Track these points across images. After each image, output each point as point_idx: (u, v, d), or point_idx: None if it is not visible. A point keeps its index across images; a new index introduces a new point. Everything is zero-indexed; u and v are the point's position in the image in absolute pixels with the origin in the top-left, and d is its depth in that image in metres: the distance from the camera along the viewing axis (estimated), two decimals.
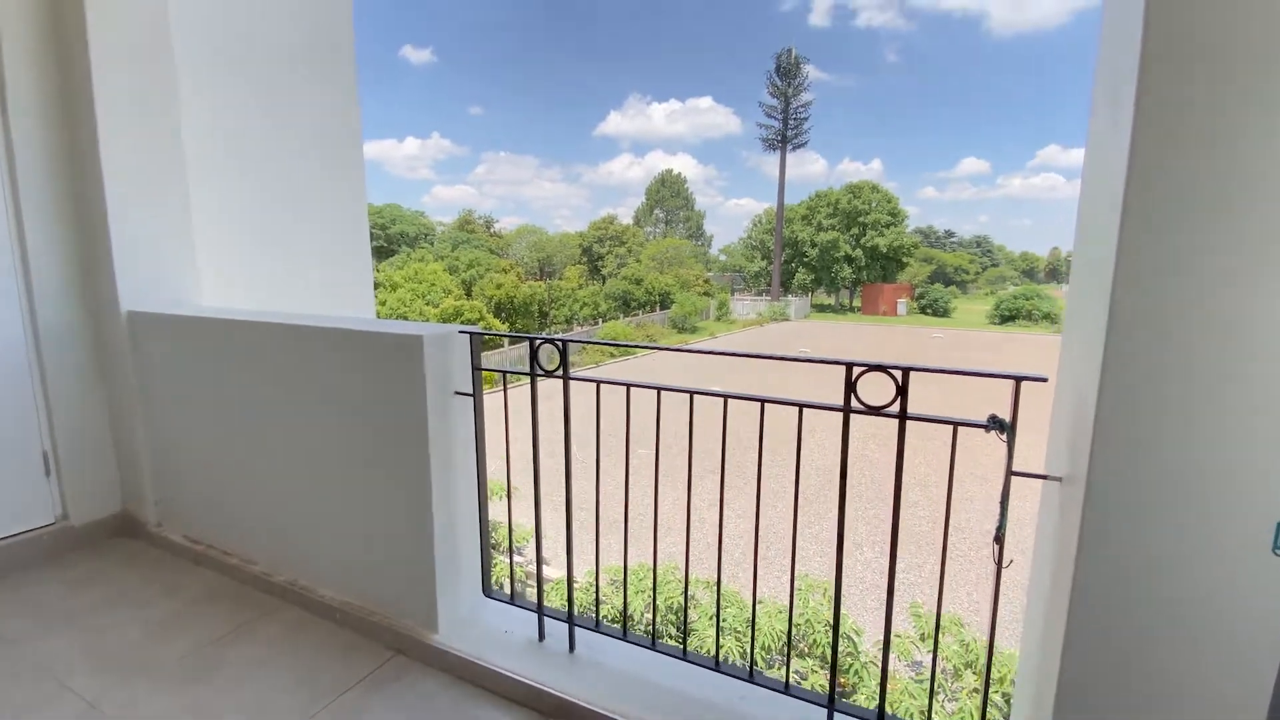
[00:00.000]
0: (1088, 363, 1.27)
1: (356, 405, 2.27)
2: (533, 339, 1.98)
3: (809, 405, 1.70)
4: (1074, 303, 1.48)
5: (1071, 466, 1.35)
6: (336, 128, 4.98)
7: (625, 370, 26.50)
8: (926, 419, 1.50)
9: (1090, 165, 1.43)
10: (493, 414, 2.32)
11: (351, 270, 5.21)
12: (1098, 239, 1.29)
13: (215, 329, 2.67)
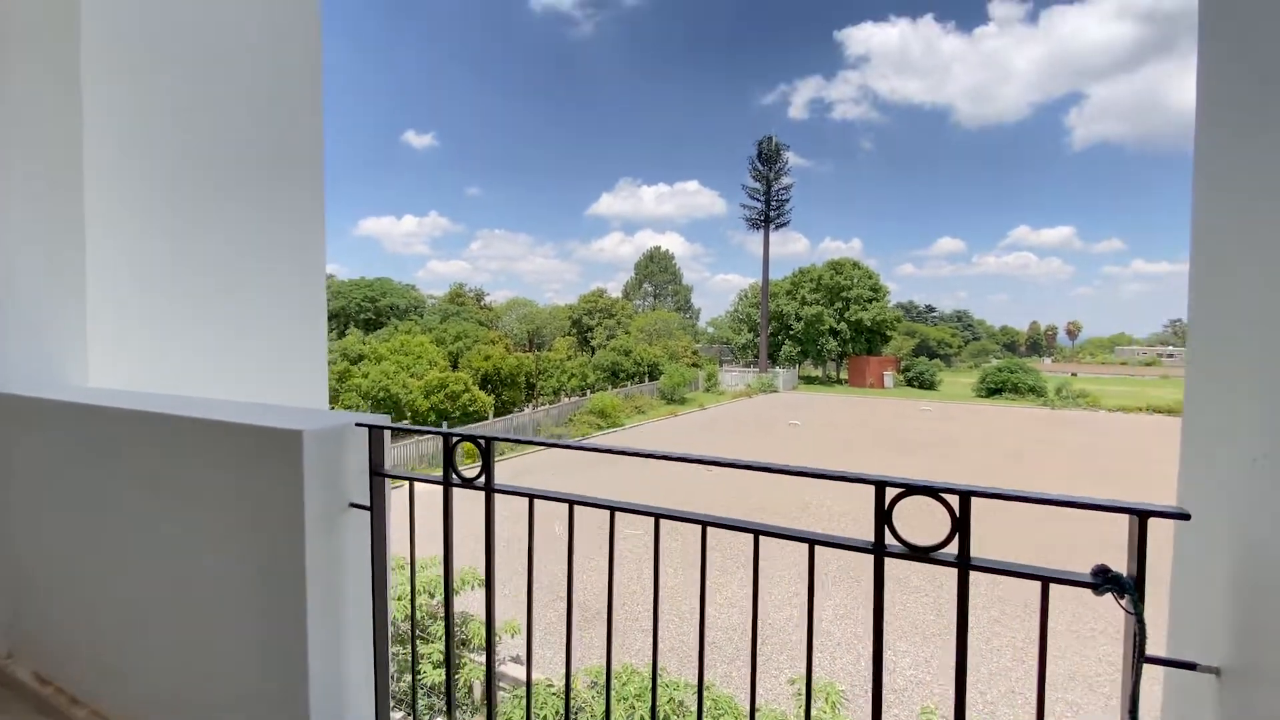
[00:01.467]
0: (1267, 488, 0.80)
1: (225, 518, 1.73)
2: (448, 435, 1.49)
3: (825, 542, 1.20)
4: (1207, 394, 1.03)
5: (1239, 653, 0.85)
6: (292, 201, 4.67)
7: (616, 442, 25.73)
8: (1002, 570, 1.00)
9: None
10: (427, 517, 1.79)
11: (303, 351, 4.76)
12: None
13: (68, 416, 2.15)
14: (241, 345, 3.93)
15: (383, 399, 26.09)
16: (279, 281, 4.33)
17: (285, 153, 4.59)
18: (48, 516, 2.29)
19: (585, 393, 34.45)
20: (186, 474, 1.82)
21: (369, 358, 28.94)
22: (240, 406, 1.91)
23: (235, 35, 4.33)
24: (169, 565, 1.90)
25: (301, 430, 1.56)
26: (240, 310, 3.87)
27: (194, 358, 3.60)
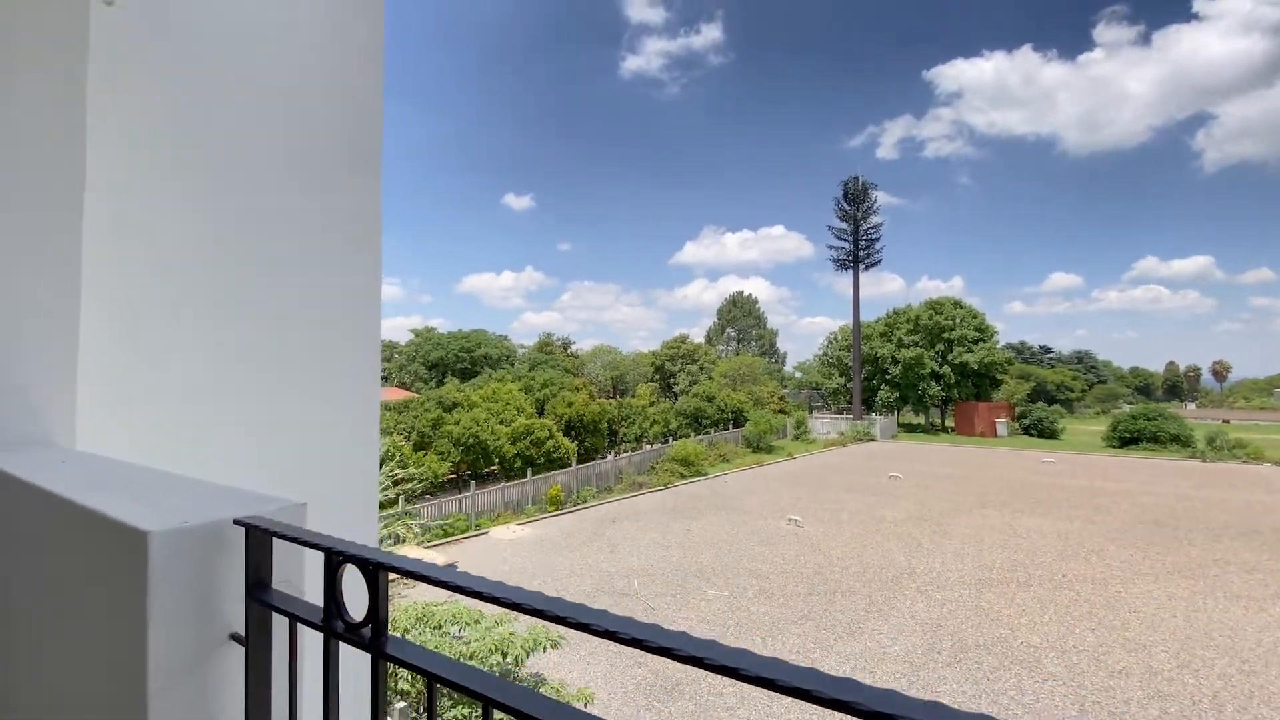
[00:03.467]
0: None
1: (93, 653, 1.27)
2: (332, 552, 0.95)
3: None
4: None
5: None
6: (348, 273, 4.56)
7: (703, 492, 24.73)
8: None
9: None
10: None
11: (354, 412, 4.56)
12: None
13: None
14: (278, 417, 3.70)
15: (472, 445, 26.64)
16: (330, 355, 4.17)
17: (341, 223, 4.50)
18: None
19: (668, 439, 33.72)
20: (69, 576, 1.40)
21: (462, 405, 29.88)
22: (81, 480, 1.48)
23: (287, 94, 4.30)
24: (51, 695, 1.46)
25: (148, 531, 1.07)
26: (282, 390, 3.66)
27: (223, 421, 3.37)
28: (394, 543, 15.19)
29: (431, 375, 48.34)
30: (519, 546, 18.19)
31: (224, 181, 3.86)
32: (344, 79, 4.72)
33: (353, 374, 4.68)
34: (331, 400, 4.50)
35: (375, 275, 4.93)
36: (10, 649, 1.62)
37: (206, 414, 3.69)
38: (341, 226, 4.66)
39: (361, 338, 4.77)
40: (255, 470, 3.88)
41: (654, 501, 24.01)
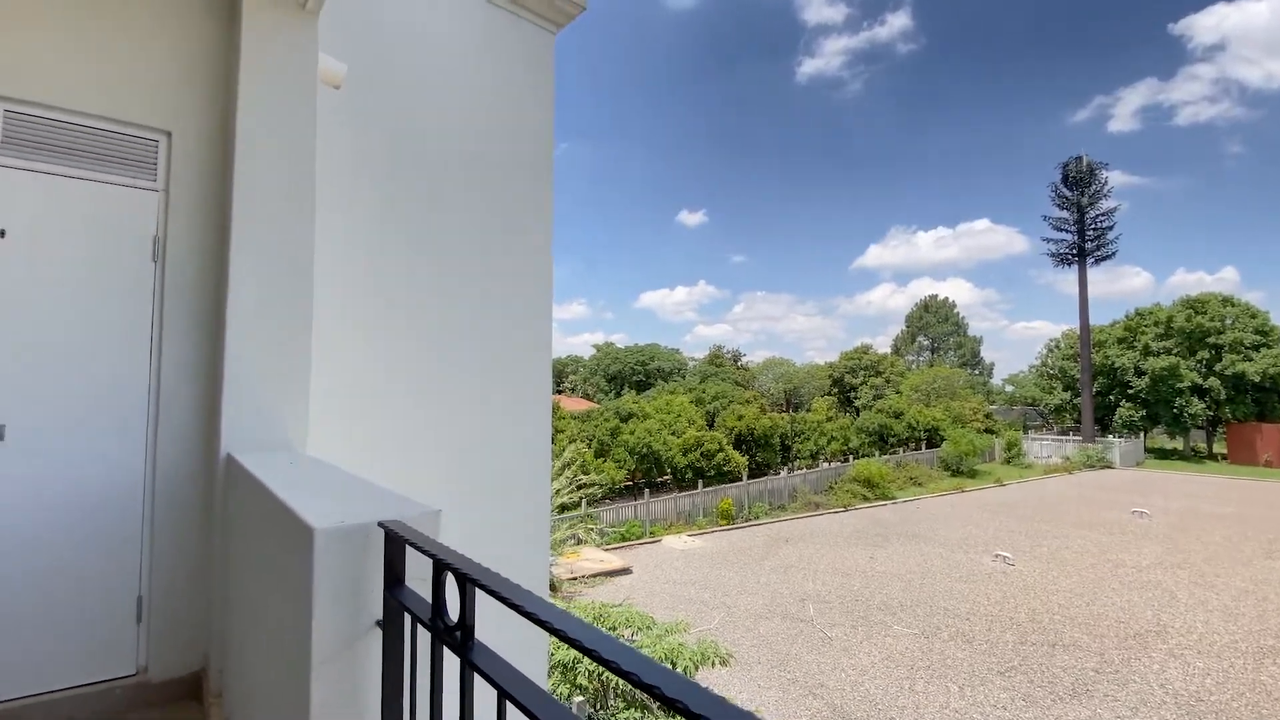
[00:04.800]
0: None
1: (282, 614, 1.56)
2: (438, 560, 1.05)
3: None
4: None
5: None
6: (523, 282, 5.10)
7: (889, 518, 22.86)
8: None
9: None
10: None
11: (530, 423, 5.05)
12: None
13: (244, 484, 2.32)
14: (460, 421, 4.20)
15: (646, 454, 27.65)
16: (504, 367, 4.68)
17: (514, 254, 5.03)
18: (247, 575, 2.50)
19: (847, 458, 31.68)
20: (272, 551, 1.73)
21: (637, 415, 31.17)
22: (300, 487, 1.78)
23: (471, 135, 4.91)
24: (268, 651, 1.82)
25: (314, 527, 1.29)
26: (461, 395, 4.19)
27: (419, 434, 3.92)
28: (576, 543, 16.27)
29: (611, 387, 51.30)
30: (690, 557, 18.34)
31: (424, 226, 4.52)
32: (519, 122, 5.27)
33: (529, 390, 5.14)
34: (510, 412, 4.98)
35: (547, 295, 5.39)
36: (240, 604, 2.04)
37: (404, 423, 4.32)
38: (521, 258, 5.18)
39: (536, 356, 5.23)
40: (441, 471, 4.44)
41: (832, 523, 22.68)
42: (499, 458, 4.93)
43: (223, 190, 3.00)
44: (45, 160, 2.70)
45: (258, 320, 2.86)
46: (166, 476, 2.86)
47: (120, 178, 2.83)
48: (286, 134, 3.01)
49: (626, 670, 0.63)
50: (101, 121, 2.81)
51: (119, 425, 2.80)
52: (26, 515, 2.60)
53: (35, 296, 2.65)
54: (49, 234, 2.70)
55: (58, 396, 2.68)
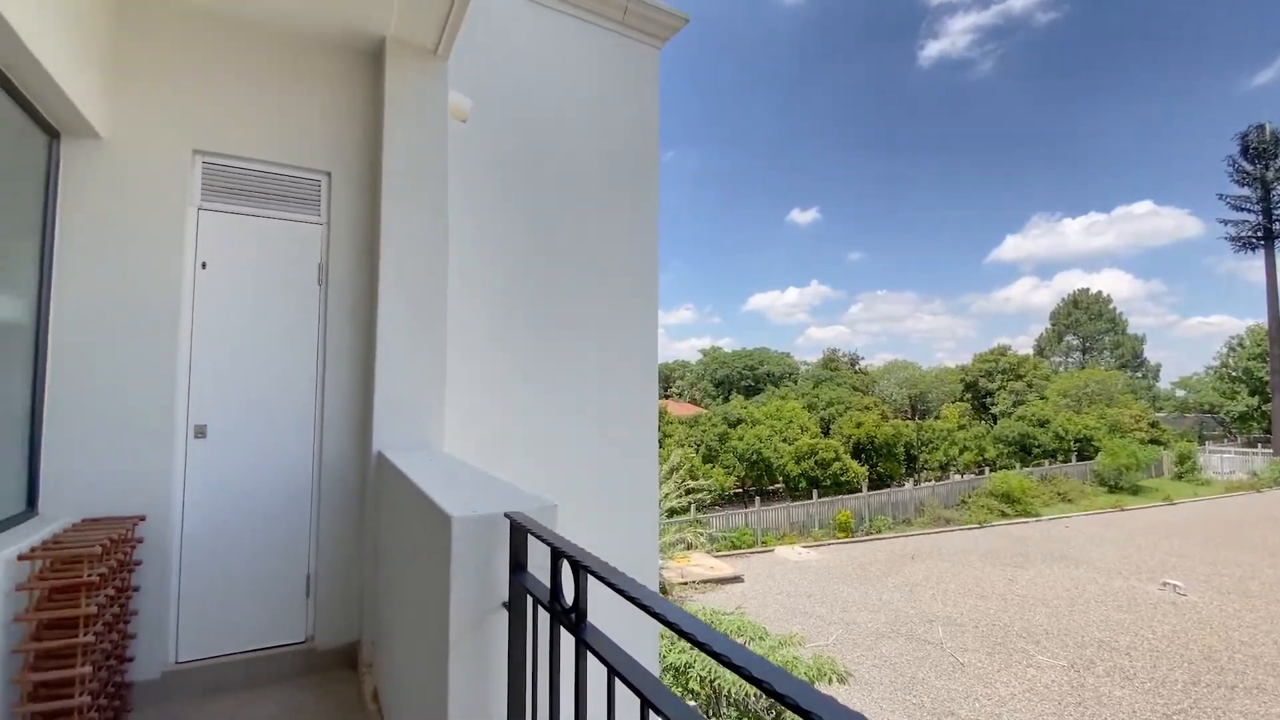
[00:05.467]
0: None
1: (423, 594, 1.76)
2: (554, 549, 1.16)
3: None
4: None
5: None
6: (631, 288, 5.28)
7: (1033, 536, 20.76)
8: None
9: None
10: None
11: (637, 426, 5.21)
12: None
13: (391, 477, 2.61)
14: (578, 420, 4.44)
15: (756, 461, 27.16)
16: (613, 371, 4.87)
17: (622, 262, 5.22)
18: (394, 560, 2.82)
19: (983, 470, 29.09)
20: (416, 537, 1.95)
21: (746, 421, 30.73)
22: (439, 478, 1.98)
23: (581, 152, 5.17)
24: (410, 627, 2.04)
25: (451, 515, 1.46)
26: (575, 394, 4.41)
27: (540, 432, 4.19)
28: (685, 548, 16.33)
29: (718, 392, 50.94)
30: (805, 570, 17.75)
31: (538, 241, 4.82)
32: (627, 135, 5.47)
33: (636, 393, 5.30)
34: (618, 414, 5.16)
35: (653, 301, 5.52)
36: (387, 582, 2.30)
37: (522, 424, 4.60)
38: (629, 266, 5.36)
39: (642, 360, 5.38)
40: (554, 469, 4.67)
41: (965, 541, 20.94)
42: (607, 457, 5.11)
43: (372, 221, 3.41)
44: (236, 203, 3.23)
45: (401, 335, 3.22)
46: (329, 469, 3.29)
47: (293, 214, 3.32)
48: (423, 168, 3.37)
49: (738, 664, 0.68)
50: (277, 167, 3.31)
51: (294, 425, 3.27)
52: (225, 501, 3.11)
53: (231, 319, 3.18)
54: (240, 264, 3.22)
55: (248, 402, 3.18)
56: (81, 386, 2.83)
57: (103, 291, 2.89)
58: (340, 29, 3.33)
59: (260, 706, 2.88)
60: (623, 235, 5.38)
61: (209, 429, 3.10)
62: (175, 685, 2.93)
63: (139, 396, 2.92)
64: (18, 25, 2.10)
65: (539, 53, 5.05)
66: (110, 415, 2.87)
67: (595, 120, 5.28)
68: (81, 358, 2.84)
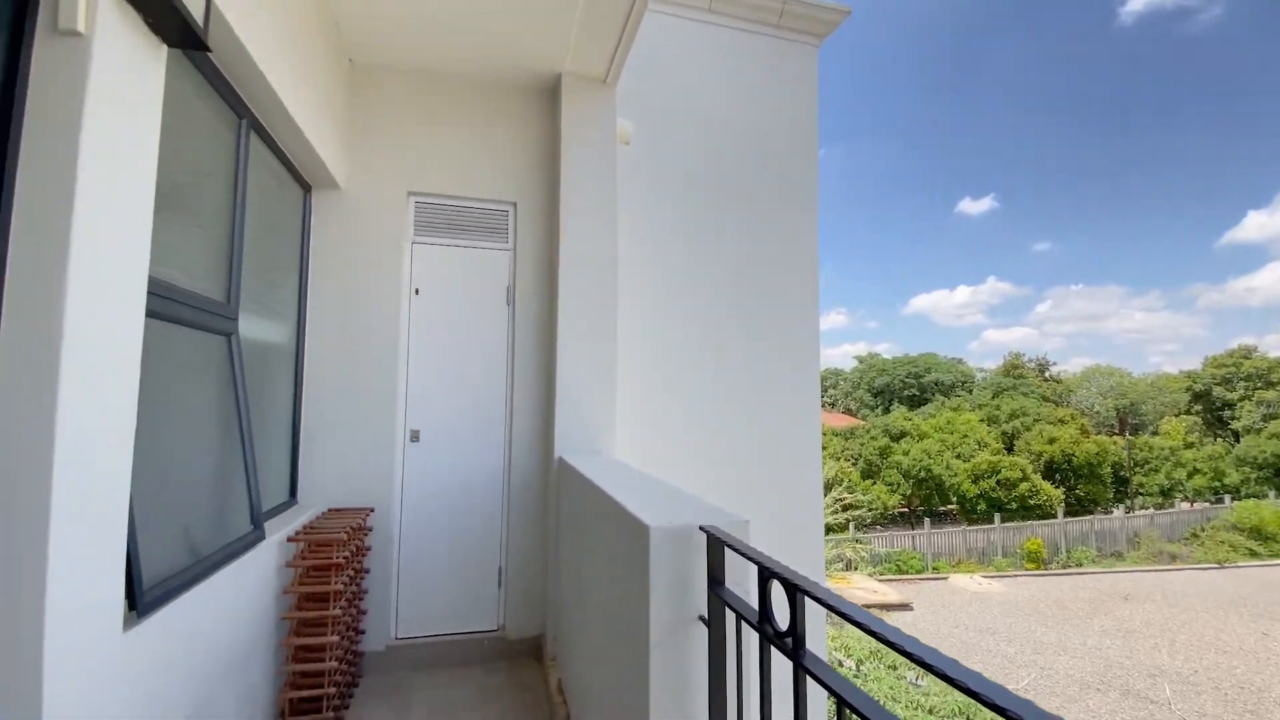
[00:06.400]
0: None
1: (618, 596, 1.83)
2: (763, 567, 1.15)
3: None
4: None
5: None
6: (790, 295, 5.18)
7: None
8: None
9: None
10: None
11: (799, 437, 5.08)
12: None
13: (575, 482, 2.77)
14: (738, 431, 4.42)
15: (924, 478, 24.94)
16: (773, 377, 4.79)
17: (782, 265, 5.12)
18: (574, 561, 3.00)
19: (1220, 497, 24.01)
20: (610, 550, 2.05)
21: (911, 434, 28.39)
22: (635, 488, 2.04)
23: (739, 158, 5.15)
24: (598, 630, 2.15)
25: (649, 525, 1.51)
26: (735, 401, 4.40)
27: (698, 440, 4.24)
28: (844, 567, 15.42)
29: (877, 402, 47.58)
30: (986, 603, 15.87)
31: (700, 252, 4.88)
32: (784, 137, 5.36)
33: (798, 402, 5.13)
34: (779, 424, 5.03)
35: (813, 306, 5.32)
36: (568, 580, 2.43)
37: (683, 433, 4.66)
38: (789, 272, 5.24)
39: (804, 367, 5.20)
40: (716, 479, 4.66)
41: (1197, 582, 17.40)
42: (768, 466, 5.00)
43: (551, 244, 3.69)
44: (441, 235, 3.67)
45: (577, 348, 3.44)
46: (517, 471, 3.60)
47: (487, 242, 3.71)
48: (594, 191, 3.59)
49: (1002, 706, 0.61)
50: (473, 202, 3.71)
51: (489, 431, 3.63)
52: (434, 497, 3.53)
53: (437, 337, 3.61)
54: (444, 290, 3.65)
55: (451, 410, 3.59)
56: (326, 397, 3.38)
57: (341, 318, 3.44)
58: (523, 71, 3.67)
59: (461, 687, 3.21)
60: (783, 239, 5.26)
61: (421, 434, 3.55)
62: (395, 658, 3.37)
63: (368, 405, 3.43)
64: (287, 101, 2.58)
65: (693, 67, 5.14)
66: (347, 421, 3.40)
67: (753, 126, 5.24)
68: (325, 373, 3.40)
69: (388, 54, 3.52)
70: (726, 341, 4.99)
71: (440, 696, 3.11)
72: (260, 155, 2.76)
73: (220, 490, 2.33)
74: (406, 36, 3.36)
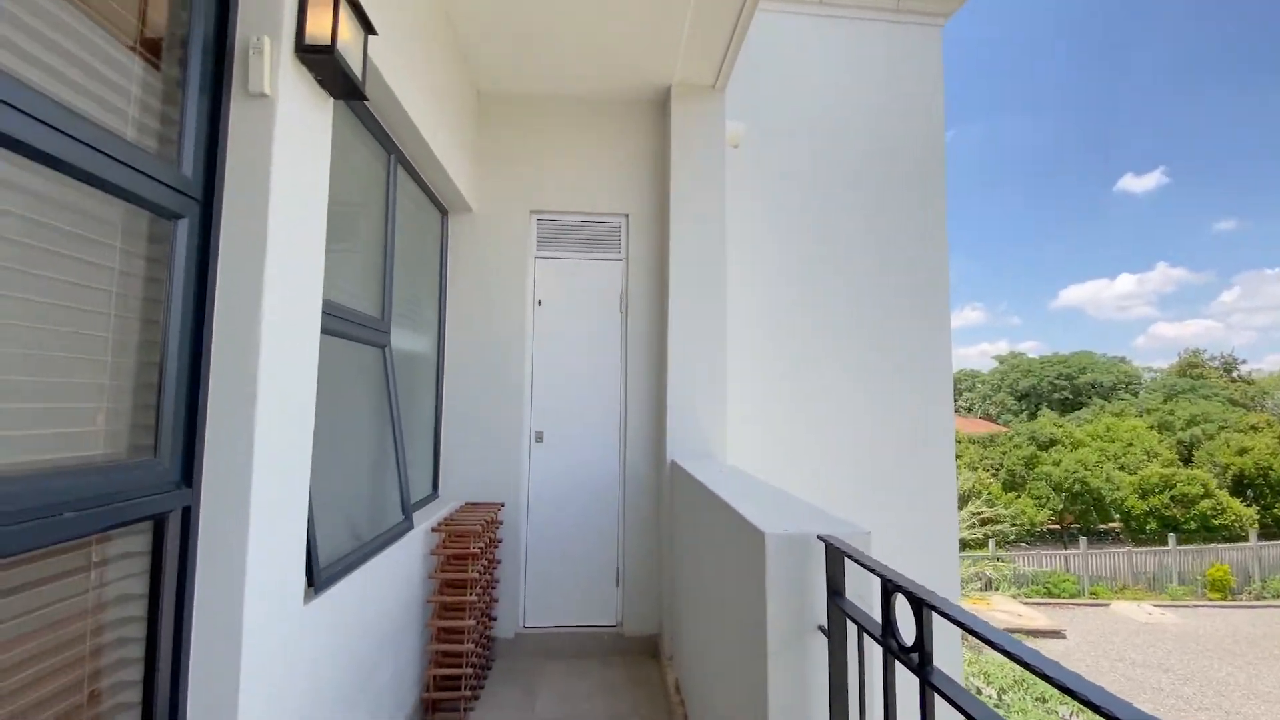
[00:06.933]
0: None
1: (735, 612, 1.85)
2: (886, 580, 1.12)
3: None
4: None
5: None
6: (919, 291, 4.92)
7: None
8: None
9: None
10: None
11: (931, 444, 4.80)
12: None
13: (689, 486, 2.81)
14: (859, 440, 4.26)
15: (1079, 492, 22.25)
16: (900, 381, 4.56)
17: (907, 260, 4.86)
18: (688, 565, 3.04)
19: None
20: (727, 557, 2.06)
21: (1062, 443, 25.47)
22: (758, 499, 2.03)
23: (861, 150, 4.94)
24: (713, 633, 2.16)
25: (764, 532, 1.51)
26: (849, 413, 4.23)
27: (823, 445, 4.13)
28: (982, 586, 14.14)
29: (1021, 407, 43.05)
30: (1158, 635, 13.85)
31: (817, 250, 4.74)
32: (907, 122, 5.07)
33: (931, 407, 4.82)
34: (908, 431, 4.75)
35: (944, 303, 4.97)
36: (682, 582, 2.46)
37: (801, 438, 4.54)
38: (916, 266, 4.95)
39: (934, 369, 4.87)
40: (837, 487, 4.49)
41: None
42: (896, 476, 4.74)
43: (661, 251, 3.78)
44: (560, 249, 3.88)
45: (687, 354, 3.50)
46: (631, 473, 3.71)
47: (603, 254, 3.87)
48: (703, 197, 3.63)
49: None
50: (589, 215, 3.89)
51: (605, 433, 3.78)
52: (557, 496, 3.73)
53: (557, 344, 3.82)
54: (563, 300, 3.85)
55: (571, 413, 3.79)
56: (462, 400, 3.69)
57: (474, 329, 3.74)
58: (634, 87, 3.78)
59: (583, 678, 3.36)
60: (907, 232, 4.98)
61: (545, 435, 3.77)
62: (523, 645, 3.60)
63: (498, 408, 3.70)
64: (428, 137, 2.87)
65: (805, 62, 5.01)
66: (480, 422, 3.69)
67: (871, 117, 5.02)
68: (461, 379, 3.71)
69: (510, 83, 3.78)
70: (845, 342, 4.81)
71: (564, 685, 3.28)
72: (406, 186, 3.09)
73: (378, 484, 2.63)
74: (526, 62, 3.58)
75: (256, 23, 1.59)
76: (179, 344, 1.42)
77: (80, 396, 1.26)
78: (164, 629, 1.38)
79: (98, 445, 1.30)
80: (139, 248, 1.38)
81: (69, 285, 1.21)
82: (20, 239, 1.11)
